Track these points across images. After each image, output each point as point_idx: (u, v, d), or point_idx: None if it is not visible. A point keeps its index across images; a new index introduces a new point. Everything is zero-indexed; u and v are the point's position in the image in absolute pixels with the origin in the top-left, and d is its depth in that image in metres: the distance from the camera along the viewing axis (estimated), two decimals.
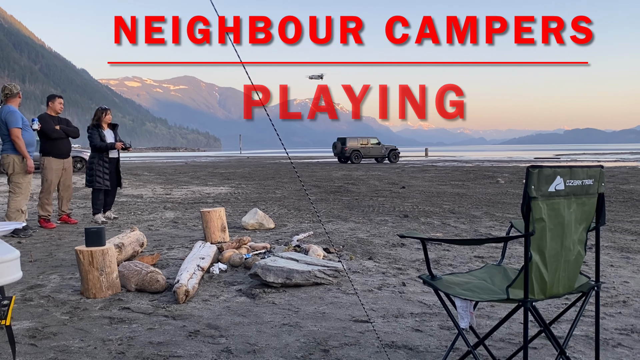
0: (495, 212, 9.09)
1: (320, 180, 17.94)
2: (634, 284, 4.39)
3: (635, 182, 15.44)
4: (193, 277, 4.25)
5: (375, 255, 5.58)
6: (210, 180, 18.71)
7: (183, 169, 27.68)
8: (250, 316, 3.62)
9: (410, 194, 12.51)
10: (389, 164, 32.99)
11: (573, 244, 2.25)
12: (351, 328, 3.36)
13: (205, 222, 6.25)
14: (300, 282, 4.26)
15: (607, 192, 12.04)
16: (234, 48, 2.15)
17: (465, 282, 2.55)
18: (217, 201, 11.40)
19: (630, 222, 7.77)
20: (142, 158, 58.65)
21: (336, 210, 9.49)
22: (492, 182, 16.29)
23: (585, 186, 2.23)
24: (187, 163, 38.65)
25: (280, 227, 7.63)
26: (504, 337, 3.17)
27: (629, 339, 3.13)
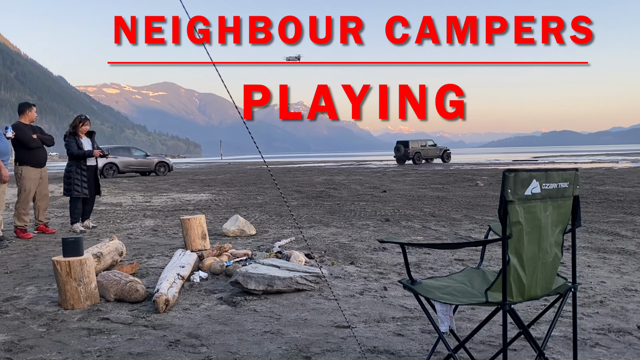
0: (475, 215, 9.17)
1: (302, 185, 17.93)
2: (611, 283, 4.46)
3: (611, 183, 15.73)
4: (173, 286, 4.20)
5: (356, 260, 5.59)
6: (191, 187, 18.57)
7: (163, 176, 27.42)
8: (231, 324, 3.60)
9: (392, 198, 12.57)
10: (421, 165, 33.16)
11: (550, 246, 2.28)
12: (333, 334, 3.36)
13: (185, 229, 6.19)
14: (281, 289, 4.24)
15: (584, 193, 12.25)
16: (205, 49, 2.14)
17: (445, 285, 2.57)
18: (197, 208, 11.32)
19: (606, 222, 7.91)
20: None
21: (318, 216, 9.48)
22: (472, 185, 16.45)
23: (560, 189, 2.26)
24: None
25: (262, 233, 7.60)
26: (485, 339, 3.20)
27: (606, 339, 3.18)
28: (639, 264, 5.16)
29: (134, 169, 27.91)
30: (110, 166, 26.03)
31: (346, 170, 29.65)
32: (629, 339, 3.17)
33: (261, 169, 34.62)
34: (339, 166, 38.06)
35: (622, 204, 10.15)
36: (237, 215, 7.77)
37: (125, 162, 27.40)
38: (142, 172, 28.39)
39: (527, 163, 39.03)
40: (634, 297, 4.04)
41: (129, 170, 27.66)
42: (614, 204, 10.30)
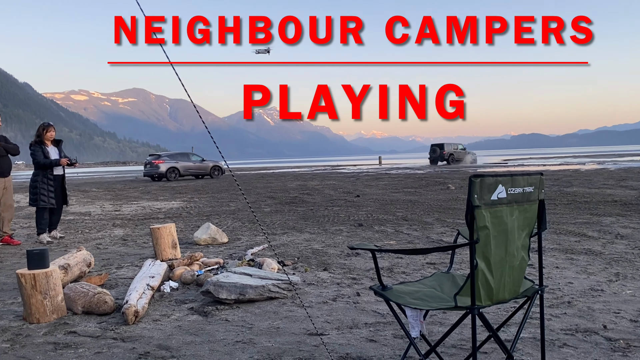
0: (447, 218, 9.27)
1: (275, 191, 17.86)
2: (578, 284, 4.56)
3: (578, 184, 16.09)
4: (143, 297, 4.13)
5: (330, 266, 5.59)
6: (162, 194, 18.32)
7: (133, 184, 27.00)
8: (202, 335, 3.54)
9: (365, 203, 12.62)
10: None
11: (517, 249, 2.31)
12: (306, 342, 3.34)
13: (155, 238, 6.10)
14: (254, 298, 4.21)
15: (552, 195, 12.51)
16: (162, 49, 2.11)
17: (415, 290, 2.58)
18: (168, 216, 11.16)
19: (573, 224, 8.08)
20: (91, 173, 56.90)
21: (291, 222, 9.45)
22: (443, 188, 16.64)
23: (526, 193, 2.29)
24: (137, 177, 37.73)
25: (234, 241, 7.53)
26: (456, 343, 3.22)
27: (573, 339, 3.23)
28: (605, 264, 5.28)
29: (192, 173, 30.07)
30: (173, 170, 28.72)
31: (320, 176, 29.68)
32: (596, 338, 3.23)
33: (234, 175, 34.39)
34: (312, 171, 38.09)
35: (589, 205, 10.39)
36: (209, 223, 7.69)
37: (185, 167, 29.66)
38: (197, 175, 30.50)
39: (497, 166, 39.70)
40: (600, 297, 4.13)
41: (188, 174, 29.80)
42: (581, 205, 10.54)
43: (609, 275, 4.84)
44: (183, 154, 31.11)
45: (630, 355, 2.95)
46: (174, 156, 30.00)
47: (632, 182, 16.24)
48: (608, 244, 6.38)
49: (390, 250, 2.42)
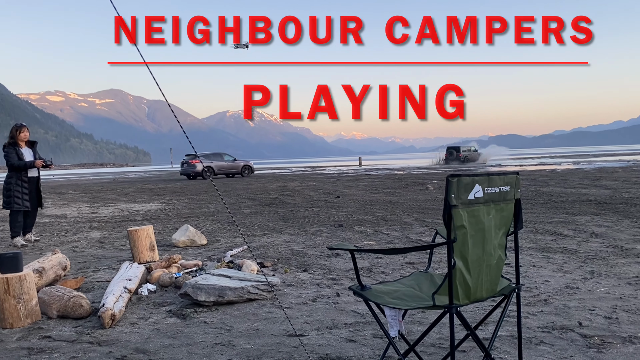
0: (426, 218, 9.34)
1: (255, 192, 17.80)
2: (554, 282, 4.62)
3: (554, 184, 16.36)
4: (120, 300, 4.07)
5: (310, 267, 5.58)
6: (140, 196, 18.11)
7: (111, 186, 26.64)
8: (180, 337, 3.50)
9: (345, 203, 12.64)
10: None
11: (494, 248, 2.33)
12: (285, 343, 3.32)
13: (132, 241, 6.02)
14: (233, 300, 4.18)
15: (529, 195, 12.70)
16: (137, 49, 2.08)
17: (394, 290, 2.58)
18: (146, 218, 11.04)
19: (550, 223, 8.21)
20: (67, 175, 55.99)
21: (271, 223, 9.42)
22: (422, 189, 16.77)
23: (502, 193, 2.32)
24: (115, 179, 37.25)
25: (213, 242, 7.48)
26: (435, 342, 3.24)
27: (550, 336, 3.28)
28: (580, 263, 5.37)
29: (225, 171, 32.17)
30: (208, 169, 30.56)
31: (300, 177, 29.67)
32: (571, 335, 3.28)
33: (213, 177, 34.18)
34: (293, 172, 38.07)
35: (565, 205, 10.56)
36: (187, 225, 7.62)
37: (219, 166, 31.76)
38: (228, 174, 32.52)
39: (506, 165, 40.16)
40: (575, 295, 4.19)
41: (221, 172, 31.85)
42: (557, 204, 10.71)
43: (584, 273, 4.92)
44: (217, 154, 32.98)
45: (605, 351, 3.00)
46: (209, 156, 31.99)
47: (606, 181, 16.57)
48: (583, 242, 6.49)
49: (369, 250, 2.43)
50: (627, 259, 5.44)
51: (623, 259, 5.45)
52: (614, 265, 5.18)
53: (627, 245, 6.19)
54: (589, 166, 29.59)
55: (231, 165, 32.75)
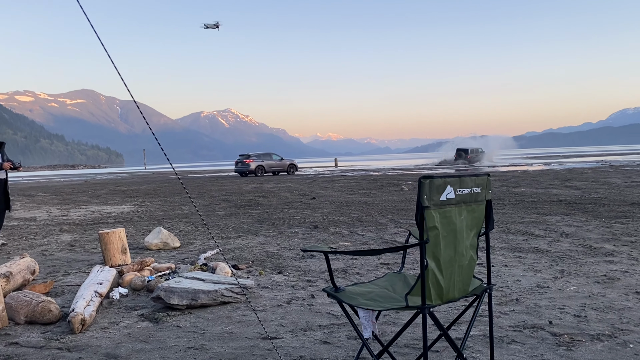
0: (400, 219, 9.40)
1: (230, 194, 17.67)
2: (525, 282, 4.70)
3: (525, 185, 16.64)
4: (90, 304, 3.99)
5: (285, 269, 5.56)
6: (112, 198, 17.81)
7: (82, 188, 26.15)
8: (152, 342, 3.45)
9: (321, 205, 12.64)
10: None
11: (465, 249, 2.35)
12: (259, 346, 3.30)
13: (104, 244, 5.91)
14: (206, 303, 4.13)
15: (501, 195, 12.89)
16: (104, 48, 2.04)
17: (368, 291, 2.59)
18: (118, 221, 10.86)
19: (521, 223, 8.34)
20: (37, 177, 54.74)
21: (246, 225, 9.37)
22: (397, 189, 16.88)
23: (474, 194, 2.34)
24: (86, 181, 36.59)
25: (187, 245, 7.39)
26: (408, 342, 3.26)
27: (521, 335, 3.33)
28: (550, 262, 5.47)
29: (274, 169, 35.18)
30: (261, 167, 33.93)
31: (276, 178, 29.58)
32: (542, 334, 3.33)
33: (187, 178, 33.86)
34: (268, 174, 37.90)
35: (536, 205, 10.76)
36: (160, 227, 7.52)
37: (269, 164, 34.94)
38: (275, 172, 35.36)
39: (449, 167, 40.62)
40: (546, 294, 4.27)
41: (271, 170, 34.96)
42: (529, 205, 10.89)
43: (554, 272, 5.02)
44: (266, 154, 35.89)
45: (574, 349, 3.06)
46: (260, 156, 35.11)
47: (576, 182, 16.94)
48: (553, 242, 6.62)
49: (343, 252, 2.42)
50: (596, 258, 5.57)
51: (592, 258, 5.57)
52: (583, 265, 5.29)
53: (596, 244, 6.33)
54: (559, 167, 30.21)
55: (279, 163, 35.76)
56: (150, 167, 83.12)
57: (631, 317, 3.61)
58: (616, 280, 4.61)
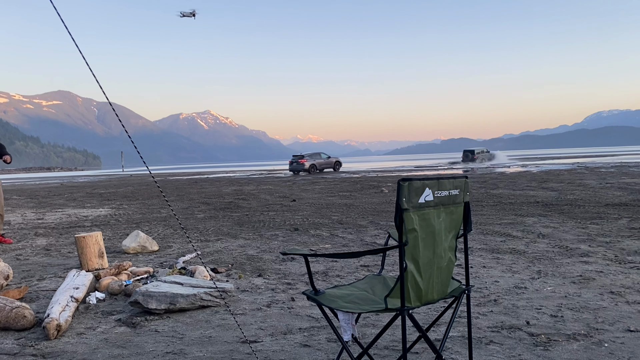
0: (380, 221, 9.43)
1: (209, 196, 17.55)
2: (503, 282, 4.75)
3: (503, 186, 16.85)
4: (66, 310, 3.92)
5: (265, 272, 5.53)
6: (89, 201, 17.55)
7: (58, 191, 25.72)
8: (130, 347, 3.40)
9: (301, 207, 12.63)
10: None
11: (444, 251, 2.37)
12: (239, 350, 3.28)
13: (80, 248, 5.81)
14: (185, 307, 4.09)
15: (479, 197, 13.03)
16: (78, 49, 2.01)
17: (347, 294, 2.59)
18: (95, 224, 10.70)
19: (499, 224, 8.44)
20: (12, 180, 53.68)
21: (226, 228, 9.31)
22: (377, 191, 16.95)
23: (452, 196, 2.36)
24: (62, 184, 36.00)
25: (165, 248, 7.32)
26: (388, 344, 3.27)
27: (499, 336, 3.36)
28: (528, 263, 5.54)
29: (323, 167, 40.80)
30: (313, 166, 39.58)
31: (256, 180, 29.47)
32: (519, 334, 3.37)
33: (166, 181, 33.55)
34: (248, 176, 37.76)
35: (513, 206, 10.89)
36: (138, 230, 7.43)
37: (320, 163, 40.72)
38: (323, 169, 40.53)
39: (428, 169, 40.95)
40: (523, 295, 4.32)
41: (321, 168, 40.47)
42: (506, 206, 11.03)
43: (531, 273, 5.08)
44: (316, 154, 41.48)
45: (551, 349, 3.10)
46: (312, 156, 40.74)
47: (553, 183, 17.21)
48: (531, 243, 6.71)
49: (322, 254, 2.42)
50: (572, 259, 5.66)
51: (568, 259, 5.66)
52: (559, 265, 5.37)
53: (572, 245, 6.44)
54: (536, 169, 30.66)
55: (327, 161, 41.21)
56: (128, 169, 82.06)
57: (606, 316, 3.67)
58: (591, 281, 4.69)
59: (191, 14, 22.13)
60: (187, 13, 22.31)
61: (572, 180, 18.31)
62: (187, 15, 22.22)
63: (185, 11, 23.00)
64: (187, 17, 23.05)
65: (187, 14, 22.43)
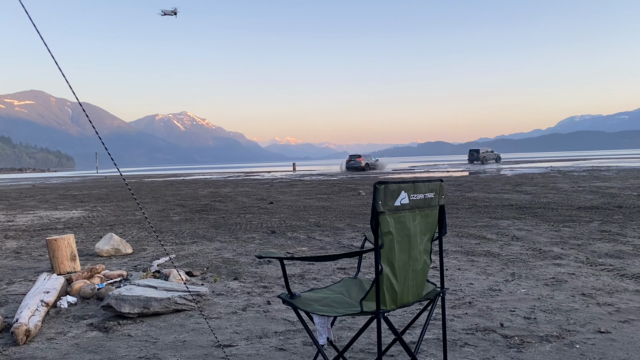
0: (357, 224, 9.46)
1: (185, 198, 17.37)
2: (478, 285, 4.80)
3: (478, 189, 17.05)
4: (36, 314, 3.83)
5: (240, 275, 5.49)
6: (61, 203, 17.22)
7: (30, 192, 25.18)
8: (102, 352, 3.33)
9: (278, 209, 12.58)
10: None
11: (419, 254, 2.38)
12: (213, 354, 3.24)
13: (52, 251, 5.69)
14: (159, 311, 4.03)
15: (455, 200, 13.16)
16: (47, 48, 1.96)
17: (323, 297, 2.58)
18: (68, 227, 10.49)
19: (474, 227, 8.53)
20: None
21: (201, 230, 9.22)
22: (355, 194, 16.99)
23: (427, 199, 2.37)
24: (34, 185, 35.26)
25: (139, 251, 7.21)
26: (364, 347, 3.27)
27: (474, 338, 3.39)
28: (502, 265, 5.61)
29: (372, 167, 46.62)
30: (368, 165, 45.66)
31: (233, 182, 29.28)
32: (494, 336, 3.40)
33: (141, 183, 33.12)
34: (225, 178, 37.50)
35: (488, 209, 11.03)
36: (112, 233, 7.32)
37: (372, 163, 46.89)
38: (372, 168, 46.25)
39: (405, 171, 41.23)
40: (497, 297, 4.37)
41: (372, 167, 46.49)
42: (481, 209, 11.16)
43: (505, 275, 5.14)
44: (367, 155, 47.45)
45: (524, 350, 3.14)
46: (366, 156, 46.61)
47: (527, 187, 17.48)
48: (505, 245, 6.79)
49: (298, 258, 2.41)
50: (545, 261, 5.74)
51: (541, 261, 5.74)
52: (532, 267, 5.45)
53: (545, 247, 6.54)
54: (511, 172, 31.11)
55: (374, 163, 47.35)
56: (102, 171, 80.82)
57: (577, 318, 3.73)
58: (564, 283, 4.77)
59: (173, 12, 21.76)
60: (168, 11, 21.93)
61: (545, 184, 18.63)
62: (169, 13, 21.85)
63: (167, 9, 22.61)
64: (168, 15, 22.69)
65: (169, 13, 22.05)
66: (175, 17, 22.38)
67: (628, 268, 5.28)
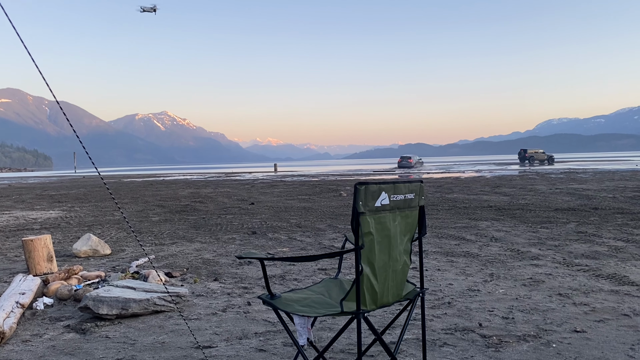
0: (338, 225, 9.47)
1: (165, 199, 17.21)
2: (457, 285, 4.84)
3: (458, 191, 17.22)
4: (10, 316, 3.76)
5: (221, 276, 5.46)
6: (38, 203, 16.93)
7: (6, 192, 24.71)
8: (79, 354, 3.29)
9: (259, 210, 12.55)
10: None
11: (399, 254, 2.39)
12: (192, 356, 3.21)
13: (27, 251, 5.59)
14: (138, 312, 3.99)
15: (435, 201, 13.27)
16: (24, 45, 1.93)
17: (304, 298, 2.58)
18: (45, 227, 10.32)
19: (454, 228, 8.61)
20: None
21: (181, 231, 9.14)
22: (336, 195, 17.02)
23: (407, 200, 2.38)
24: (11, 185, 34.61)
25: (118, 252, 7.13)
26: (344, 347, 3.27)
27: (453, 338, 3.42)
28: (481, 266, 5.67)
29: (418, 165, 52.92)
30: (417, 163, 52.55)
31: (214, 183, 29.10)
32: (472, 336, 3.44)
33: (120, 183, 32.74)
34: (206, 178, 37.26)
35: (467, 211, 11.14)
36: (90, 233, 7.21)
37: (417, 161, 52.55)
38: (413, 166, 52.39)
39: (386, 173, 41.43)
40: (476, 297, 4.41)
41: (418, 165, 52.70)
42: (461, 210, 11.27)
43: (484, 275, 5.20)
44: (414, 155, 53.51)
45: (502, 350, 3.18)
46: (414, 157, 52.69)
47: (505, 188, 17.70)
48: (484, 246, 6.87)
49: (278, 258, 2.40)
50: (523, 262, 5.82)
51: (519, 262, 5.82)
52: (511, 268, 5.52)
53: (523, 248, 6.63)
54: (490, 174, 31.48)
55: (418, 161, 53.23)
56: (81, 171, 79.66)
57: (554, 317, 3.79)
58: (541, 283, 4.84)
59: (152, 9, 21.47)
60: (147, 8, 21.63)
61: (523, 186, 18.89)
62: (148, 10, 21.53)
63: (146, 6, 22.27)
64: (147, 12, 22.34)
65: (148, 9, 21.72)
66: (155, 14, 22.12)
67: (603, 268, 5.38)
